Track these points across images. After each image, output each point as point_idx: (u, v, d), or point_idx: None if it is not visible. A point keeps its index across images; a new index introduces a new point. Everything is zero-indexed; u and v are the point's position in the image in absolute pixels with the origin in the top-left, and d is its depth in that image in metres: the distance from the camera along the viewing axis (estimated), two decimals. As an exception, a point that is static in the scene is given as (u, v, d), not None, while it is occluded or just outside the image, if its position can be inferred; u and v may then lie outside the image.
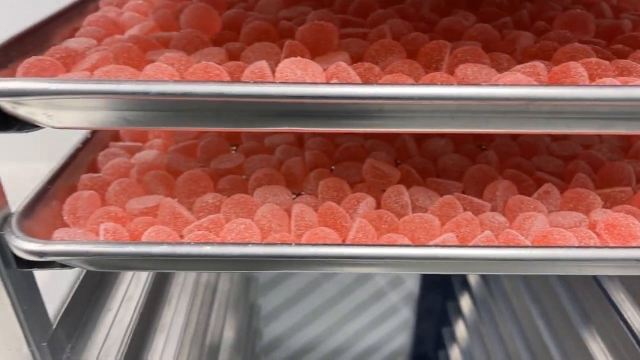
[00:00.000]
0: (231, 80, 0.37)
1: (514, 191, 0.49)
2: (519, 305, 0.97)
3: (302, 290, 1.45)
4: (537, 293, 0.91)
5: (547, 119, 0.36)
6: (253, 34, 0.46)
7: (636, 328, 0.64)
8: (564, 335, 0.78)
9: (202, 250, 0.39)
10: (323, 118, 0.36)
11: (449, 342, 1.34)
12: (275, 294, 1.44)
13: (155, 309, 0.71)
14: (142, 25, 0.48)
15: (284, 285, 1.43)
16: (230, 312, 1.10)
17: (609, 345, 0.69)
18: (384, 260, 0.39)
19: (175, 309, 0.75)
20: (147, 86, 0.33)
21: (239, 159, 0.53)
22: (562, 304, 0.80)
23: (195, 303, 0.85)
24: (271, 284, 1.43)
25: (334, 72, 0.38)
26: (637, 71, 0.40)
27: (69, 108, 0.35)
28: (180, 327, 0.72)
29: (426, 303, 1.45)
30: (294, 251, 0.40)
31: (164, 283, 0.76)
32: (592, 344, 0.71)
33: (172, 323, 0.72)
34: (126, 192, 0.48)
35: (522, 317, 0.94)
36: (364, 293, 1.46)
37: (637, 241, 0.42)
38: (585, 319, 0.74)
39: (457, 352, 1.28)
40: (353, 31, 0.47)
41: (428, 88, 0.34)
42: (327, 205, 0.45)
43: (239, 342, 1.11)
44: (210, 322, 0.94)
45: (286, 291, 1.44)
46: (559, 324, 0.80)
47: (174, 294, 0.77)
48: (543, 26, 0.49)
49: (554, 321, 0.82)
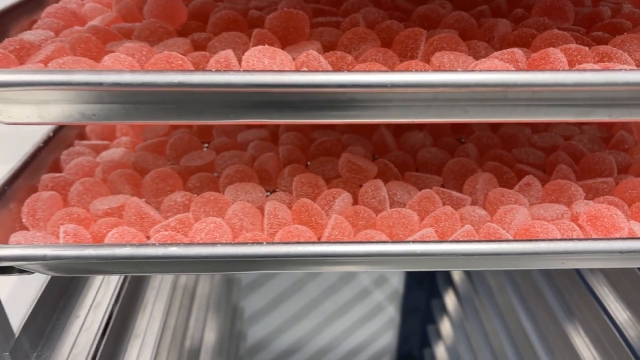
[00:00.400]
0: (192, 69, 0.35)
1: (495, 184, 0.47)
2: (503, 301, 0.96)
3: (286, 291, 1.43)
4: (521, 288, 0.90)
5: (527, 106, 0.34)
6: (221, 24, 0.43)
7: (619, 321, 0.63)
8: (548, 330, 0.78)
9: (167, 252, 0.37)
10: (291, 109, 0.34)
11: (435, 339, 1.33)
12: (258, 295, 1.42)
13: (129, 315, 0.68)
14: (103, 17, 0.46)
15: (267, 287, 1.41)
16: (212, 315, 1.08)
17: (592, 339, 0.68)
18: (360, 258, 0.38)
19: (150, 314, 0.72)
20: (101, 76, 0.31)
21: (210, 156, 0.51)
22: (546, 298, 0.79)
23: (173, 307, 0.82)
24: (254, 285, 1.40)
25: (304, 61, 0.36)
26: (617, 57, 0.38)
27: (18, 102, 0.32)
28: (156, 333, 0.69)
29: (411, 301, 1.44)
30: (266, 250, 0.38)
31: (139, 287, 0.73)
32: (576, 338, 0.71)
33: (147, 329, 0.69)
34: (90, 192, 0.45)
35: (507, 313, 0.93)
36: (348, 292, 1.45)
37: (621, 232, 0.41)
38: (568, 313, 0.74)
39: (442, 349, 1.27)
40: (325, 20, 0.45)
41: (401, 75, 0.32)
42: (302, 202, 0.43)
43: (221, 345, 1.09)
44: (190, 326, 0.91)
45: (270, 292, 1.42)
46: (543, 319, 0.80)
47: (150, 298, 0.74)
48: (521, 14, 0.48)
49: (538, 316, 0.82)
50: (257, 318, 1.46)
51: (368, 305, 1.47)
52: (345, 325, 1.49)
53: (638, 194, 0.45)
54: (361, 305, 1.47)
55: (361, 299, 1.47)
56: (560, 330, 0.73)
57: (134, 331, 0.68)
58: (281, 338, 1.50)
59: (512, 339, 0.89)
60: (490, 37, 0.44)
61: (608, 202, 0.45)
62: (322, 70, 0.34)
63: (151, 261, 0.37)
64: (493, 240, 0.40)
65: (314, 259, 0.38)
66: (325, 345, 1.53)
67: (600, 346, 0.66)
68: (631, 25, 0.45)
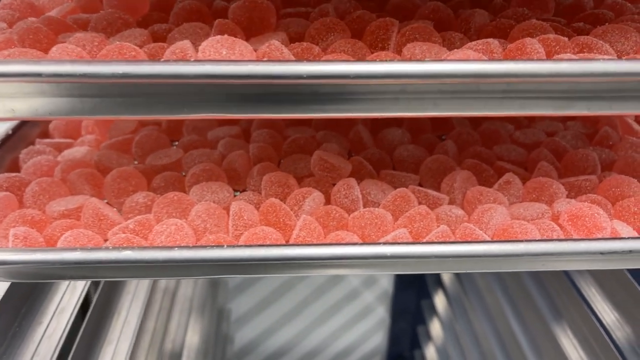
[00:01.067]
0: (138, 60, 0.33)
1: (474, 182, 0.45)
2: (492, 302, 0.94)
3: (274, 293, 1.41)
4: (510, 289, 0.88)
5: (501, 99, 0.32)
6: (183, 15, 0.41)
7: (607, 322, 0.61)
8: (537, 331, 0.76)
9: (120, 256, 0.35)
10: (250, 102, 0.32)
11: (425, 341, 1.32)
12: (246, 297, 1.40)
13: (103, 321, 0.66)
14: (61, 8, 0.44)
15: (255, 288, 1.39)
16: (195, 318, 1.05)
17: (580, 340, 0.66)
18: (326, 262, 0.35)
19: (125, 319, 0.70)
20: (39, 66, 0.28)
21: (178, 154, 0.48)
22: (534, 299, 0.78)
23: (152, 310, 0.80)
24: (241, 287, 1.38)
25: (266, 52, 0.34)
26: (598, 48, 0.36)
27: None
28: (130, 338, 0.67)
29: (401, 302, 1.43)
30: (227, 254, 0.35)
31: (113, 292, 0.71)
32: (564, 340, 0.69)
33: (121, 334, 0.67)
34: (47, 193, 0.43)
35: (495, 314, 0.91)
36: (337, 293, 1.43)
37: (603, 232, 0.39)
38: (556, 314, 0.72)
39: (432, 350, 1.26)
40: (294, 11, 0.43)
41: (364, 65, 0.30)
42: (269, 203, 0.41)
43: (206, 348, 1.06)
44: (170, 329, 0.89)
45: (258, 294, 1.40)
46: (531, 320, 0.78)
47: (125, 303, 0.72)
48: (500, 4, 0.46)
49: (527, 318, 0.80)
50: (245, 320, 1.44)
51: (358, 307, 1.46)
52: (334, 326, 1.47)
53: (622, 192, 0.43)
54: (351, 306, 1.45)
55: (351, 300, 1.45)
56: (549, 331, 0.71)
57: (107, 337, 0.65)
58: (270, 340, 1.48)
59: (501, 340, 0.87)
60: (467, 28, 0.42)
61: (591, 200, 0.43)
62: (280, 60, 0.32)
63: (104, 266, 0.35)
64: (468, 242, 0.37)
65: (278, 262, 0.36)
66: (315, 347, 1.51)
67: (587, 347, 0.64)
68: (614, 16, 0.43)
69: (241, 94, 0.31)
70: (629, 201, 0.42)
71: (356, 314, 1.46)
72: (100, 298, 0.63)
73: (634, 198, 0.42)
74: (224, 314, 1.35)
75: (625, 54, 0.38)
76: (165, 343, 0.85)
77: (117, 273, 0.37)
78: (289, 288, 1.42)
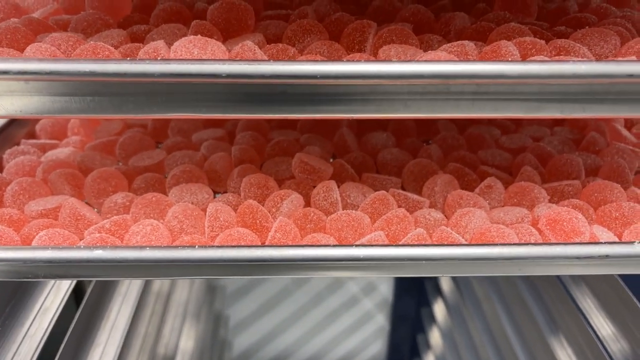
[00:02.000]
0: (106, 58, 0.33)
1: (455, 186, 0.45)
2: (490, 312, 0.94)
3: (273, 299, 1.41)
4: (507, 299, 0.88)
5: (472, 100, 0.32)
6: (163, 16, 0.41)
7: (602, 335, 0.61)
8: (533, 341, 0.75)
9: (92, 255, 0.35)
10: (219, 103, 0.31)
11: (424, 349, 1.30)
12: (244, 303, 1.40)
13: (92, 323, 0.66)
14: (45, 9, 0.44)
15: (254, 294, 1.39)
16: (190, 323, 1.05)
17: (576, 352, 0.66)
18: (298, 263, 0.35)
19: (114, 322, 0.70)
20: (7, 64, 0.29)
21: (160, 156, 0.48)
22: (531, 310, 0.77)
23: (143, 314, 0.80)
24: (239, 292, 1.38)
25: (239, 53, 0.34)
26: (575, 51, 0.36)
27: None
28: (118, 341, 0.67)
29: (400, 309, 1.42)
30: (198, 254, 0.35)
31: (104, 294, 0.71)
32: (560, 352, 0.68)
33: (109, 337, 0.67)
34: (27, 193, 0.43)
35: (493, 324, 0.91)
36: (337, 300, 1.43)
37: (581, 237, 0.38)
38: (553, 326, 0.71)
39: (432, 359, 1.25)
40: (274, 13, 0.43)
41: (331, 65, 0.30)
42: (247, 204, 0.41)
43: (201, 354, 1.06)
44: (163, 334, 0.89)
45: (256, 300, 1.40)
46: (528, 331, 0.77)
47: (115, 305, 0.72)
48: (483, 8, 0.45)
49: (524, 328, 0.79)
50: (244, 326, 1.43)
51: (357, 314, 1.45)
52: (334, 333, 1.46)
53: (604, 197, 0.43)
54: (350, 313, 1.45)
55: (350, 306, 1.44)
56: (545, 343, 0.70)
57: (95, 339, 0.65)
58: (268, 347, 1.47)
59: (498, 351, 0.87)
60: (447, 31, 0.42)
61: (572, 205, 0.42)
62: (247, 60, 0.32)
63: (76, 265, 0.35)
64: (441, 245, 0.37)
65: (249, 264, 0.35)
66: (314, 353, 1.50)
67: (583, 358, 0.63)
68: (596, 20, 0.43)
69: (209, 93, 0.31)
70: (610, 206, 0.41)
71: (356, 321, 1.46)
72: (90, 299, 0.64)
73: (615, 203, 0.41)
74: (222, 320, 1.34)
75: (604, 57, 0.37)
76: (158, 347, 0.85)
77: (89, 272, 0.37)
78: (288, 294, 1.41)
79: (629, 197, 0.44)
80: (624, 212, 0.41)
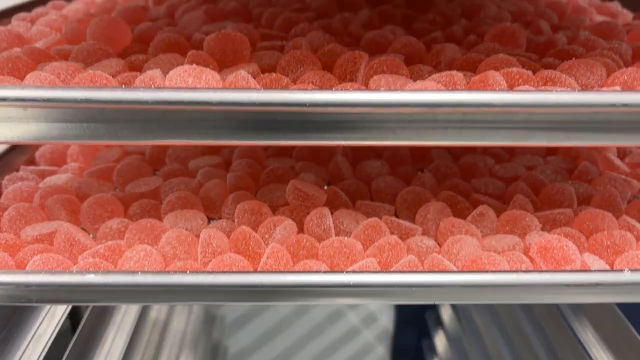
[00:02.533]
0: (102, 86, 0.34)
1: (448, 214, 0.45)
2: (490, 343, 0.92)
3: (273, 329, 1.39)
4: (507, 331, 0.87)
5: (459, 129, 0.33)
6: (161, 46, 0.43)
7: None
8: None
9: (84, 279, 0.35)
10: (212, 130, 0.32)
11: (425, 381, 1.28)
12: (243, 333, 1.38)
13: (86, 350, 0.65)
14: (47, 39, 0.45)
15: (253, 324, 1.37)
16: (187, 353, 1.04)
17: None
18: (289, 289, 0.35)
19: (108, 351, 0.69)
20: (5, 91, 0.29)
21: (156, 182, 0.49)
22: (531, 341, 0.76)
23: (138, 343, 0.79)
24: (239, 322, 1.37)
25: (232, 82, 0.35)
26: (561, 81, 0.37)
27: None
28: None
29: (401, 341, 1.40)
30: (190, 280, 0.36)
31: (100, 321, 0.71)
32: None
33: (103, 366, 0.66)
34: (24, 218, 0.44)
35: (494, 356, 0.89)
36: (336, 331, 1.41)
37: (572, 265, 0.38)
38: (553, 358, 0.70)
39: (433, 392, 1.22)
40: (270, 44, 0.44)
41: (320, 94, 0.30)
42: (240, 230, 0.41)
43: (197, 384, 1.04)
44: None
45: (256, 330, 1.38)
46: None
47: (110, 333, 0.72)
48: (474, 40, 0.47)
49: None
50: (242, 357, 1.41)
51: (357, 345, 1.43)
52: (333, 365, 1.44)
53: (596, 226, 0.43)
54: (350, 344, 1.43)
55: (350, 338, 1.42)
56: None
57: (89, 368, 0.65)
58: (267, 378, 1.45)
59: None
60: (437, 62, 0.43)
61: (565, 233, 0.42)
62: (238, 89, 0.33)
63: (68, 289, 0.35)
64: (432, 272, 0.37)
65: (240, 290, 0.35)
66: (313, 386, 1.47)
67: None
68: (584, 51, 0.44)
69: (202, 120, 0.32)
70: (602, 235, 0.41)
71: (356, 352, 1.44)
72: (85, 326, 0.63)
73: (607, 232, 0.42)
74: (221, 350, 1.32)
75: (590, 87, 0.38)
76: (153, 377, 0.83)
77: (82, 297, 0.37)
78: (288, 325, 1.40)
79: (620, 226, 0.44)
80: (616, 241, 0.41)
